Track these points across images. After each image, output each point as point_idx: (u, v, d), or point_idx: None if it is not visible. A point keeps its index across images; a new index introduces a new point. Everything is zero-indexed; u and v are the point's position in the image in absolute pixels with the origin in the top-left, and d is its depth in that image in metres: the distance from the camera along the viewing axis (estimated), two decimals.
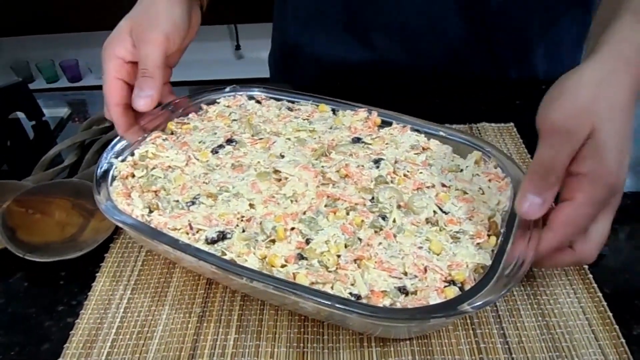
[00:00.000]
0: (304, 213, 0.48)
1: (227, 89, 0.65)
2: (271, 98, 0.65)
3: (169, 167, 0.55)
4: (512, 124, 0.72)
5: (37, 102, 0.77)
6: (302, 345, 0.46)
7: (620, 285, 0.50)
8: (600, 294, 0.48)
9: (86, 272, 0.53)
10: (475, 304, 0.38)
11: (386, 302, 0.41)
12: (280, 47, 0.89)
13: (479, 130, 0.71)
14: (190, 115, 0.62)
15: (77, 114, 0.81)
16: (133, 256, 0.55)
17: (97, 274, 0.53)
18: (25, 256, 0.52)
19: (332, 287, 0.42)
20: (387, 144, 0.57)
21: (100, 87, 0.59)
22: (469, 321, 0.47)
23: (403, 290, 0.42)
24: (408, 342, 0.45)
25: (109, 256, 0.55)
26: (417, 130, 0.58)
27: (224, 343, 0.46)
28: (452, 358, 0.44)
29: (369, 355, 0.44)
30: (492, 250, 0.45)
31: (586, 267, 0.50)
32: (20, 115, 0.77)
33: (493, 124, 0.72)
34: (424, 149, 0.56)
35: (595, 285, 0.49)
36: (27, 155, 0.72)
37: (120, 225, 0.47)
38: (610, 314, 0.46)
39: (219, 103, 0.64)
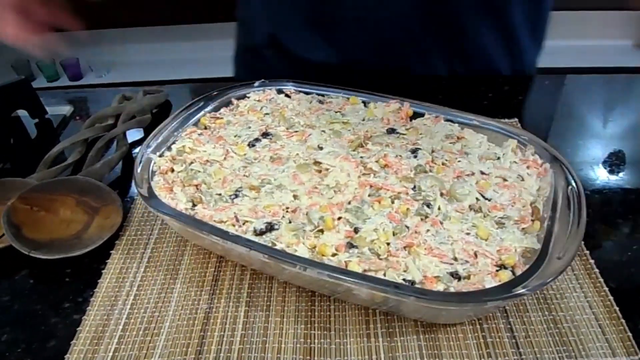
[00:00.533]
0: (349, 203, 0.49)
1: (257, 84, 0.66)
2: (300, 92, 0.65)
3: (207, 161, 0.55)
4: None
5: (40, 100, 0.76)
6: (309, 325, 0.46)
7: (625, 280, 0.50)
8: (606, 289, 0.48)
9: (92, 269, 0.53)
10: (530, 287, 0.39)
11: (440, 287, 0.42)
12: (244, 47, 0.88)
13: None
14: (222, 110, 0.62)
15: (79, 112, 0.80)
16: (139, 252, 0.54)
17: (103, 271, 0.52)
18: (30, 253, 0.52)
19: (384, 274, 0.43)
20: (421, 134, 0.58)
21: (102, 86, 0.59)
22: None
23: (455, 275, 0.43)
24: (415, 336, 0.45)
25: (114, 253, 0.54)
26: (451, 121, 0.59)
27: (235, 315, 0.47)
28: (459, 352, 0.44)
29: (375, 350, 0.44)
30: (537, 235, 0.46)
31: (592, 261, 0.50)
32: (22, 113, 0.76)
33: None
34: (458, 138, 0.57)
35: (601, 279, 0.49)
36: (31, 153, 0.72)
37: (168, 219, 0.47)
38: (617, 308, 0.46)
39: (249, 97, 0.65)
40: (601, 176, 0.62)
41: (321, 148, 0.55)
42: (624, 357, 0.42)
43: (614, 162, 0.64)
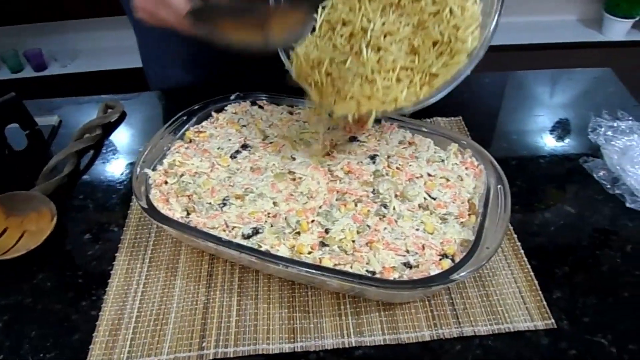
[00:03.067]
0: (320, 207, 0.59)
1: (233, 97, 0.74)
2: (272, 103, 0.74)
3: (196, 173, 0.63)
4: (460, 117, 0.81)
5: (30, 113, 0.82)
6: (291, 309, 0.56)
7: (545, 258, 0.61)
8: (529, 266, 0.59)
9: (100, 270, 0.61)
10: (464, 273, 0.50)
11: (395, 275, 0.52)
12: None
13: (433, 124, 0.79)
14: (203, 124, 0.71)
15: (66, 121, 0.86)
16: (141, 254, 0.63)
17: (111, 272, 0.61)
18: None
19: (351, 267, 0.53)
20: (378, 140, 0.67)
21: (66, 76, 0.64)
22: None
23: (408, 265, 0.53)
24: (377, 313, 0.55)
25: (119, 255, 0.63)
26: (403, 127, 0.69)
27: (229, 304, 0.57)
28: (412, 324, 0.54)
29: (346, 327, 0.54)
30: (473, 227, 0.57)
31: (519, 244, 0.62)
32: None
33: (445, 118, 0.81)
34: (410, 143, 0.67)
35: (525, 259, 0.60)
36: (25, 163, 0.79)
37: (169, 229, 0.56)
38: (536, 282, 0.58)
39: (226, 110, 0.73)
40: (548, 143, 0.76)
41: (294, 158, 0.64)
42: (539, 321, 0.54)
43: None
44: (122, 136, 0.82)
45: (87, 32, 1.97)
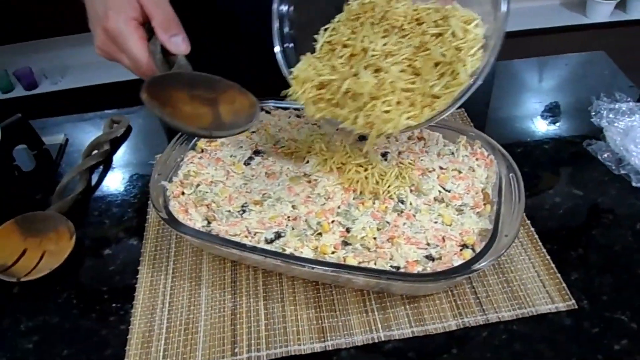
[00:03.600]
0: (339, 207, 0.60)
1: None
2: (279, 108, 0.74)
3: (212, 182, 0.64)
4: (462, 109, 0.82)
5: (37, 132, 0.82)
6: (318, 309, 0.57)
7: (559, 241, 0.63)
8: (544, 250, 0.61)
9: (125, 285, 0.62)
10: (485, 262, 0.51)
11: (419, 268, 0.54)
12: None
13: None
14: None
15: (73, 139, 0.86)
16: (163, 265, 0.63)
17: (136, 286, 0.61)
18: (212, 134, 0.54)
19: (375, 263, 0.54)
20: (388, 137, 0.68)
21: (58, 93, 0.64)
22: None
23: (430, 258, 0.54)
24: (402, 307, 0.56)
25: (141, 268, 0.63)
26: None
27: (256, 308, 0.58)
28: (437, 315, 0.56)
29: (373, 322, 0.56)
30: (490, 216, 0.58)
31: (533, 229, 0.63)
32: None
33: None
34: (419, 138, 0.68)
35: (540, 243, 0.62)
36: (35, 184, 0.78)
37: (193, 239, 0.57)
38: (553, 265, 0.59)
39: None
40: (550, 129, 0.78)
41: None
42: (560, 303, 0.56)
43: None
44: (130, 150, 0.83)
45: (75, 47, 1.96)
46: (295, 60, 0.60)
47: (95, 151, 0.80)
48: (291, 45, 0.62)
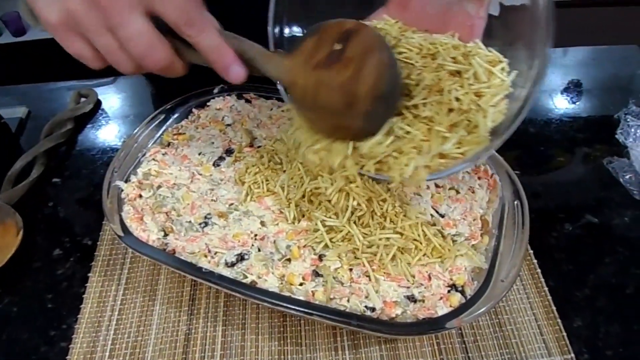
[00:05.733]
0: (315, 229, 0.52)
1: (216, 90, 0.66)
2: (261, 97, 0.66)
3: (174, 184, 0.56)
4: None
5: None
6: (282, 341, 0.51)
7: (563, 277, 0.55)
8: (546, 289, 0.53)
9: (72, 293, 0.55)
10: (472, 315, 0.44)
11: (398, 311, 0.46)
12: None
13: None
14: (183, 123, 0.63)
15: (35, 112, 0.78)
16: (116, 274, 0.57)
17: (83, 296, 0.55)
18: None
19: (348, 300, 0.47)
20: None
21: (46, 41, 0.54)
22: None
23: (412, 299, 0.47)
24: (377, 347, 0.50)
25: (92, 275, 0.57)
26: None
27: (213, 335, 0.51)
28: None
29: None
30: (486, 250, 0.50)
31: (535, 262, 0.55)
32: None
33: None
34: None
35: (542, 279, 0.54)
36: None
37: (145, 257, 0.50)
38: (554, 308, 0.52)
39: (209, 107, 0.65)
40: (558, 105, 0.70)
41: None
42: (558, 356, 0.49)
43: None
44: (96, 130, 0.75)
45: None
46: None
47: (57, 131, 0.72)
48: None
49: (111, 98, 0.79)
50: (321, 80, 0.41)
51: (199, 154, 0.59)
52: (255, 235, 0.52)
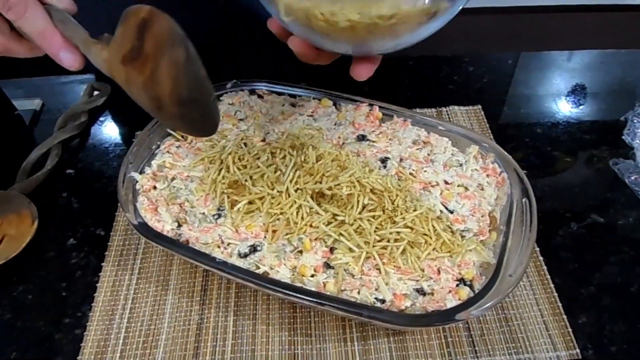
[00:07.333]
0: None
1: (229, 85, 0.67)
2: (273, 92, 0.67)
3: (188, 176, 0.57)
4: (479, 106, 0.74)
5: (7, 97, 0.75)
6: (292, 332, 0.52)
7: (569, 275, 0.56)
8: (552, 285, 0.54)
9: (86, 282, 0.56)
10: (480, 308, 0.45)
11: (407, 303, 0.47)
12: None
13: (448, 114, 0.73)
14: None
15: (49, 105, 0.79)
16: (129, 264, 0.58)
17: (97, 285, 0.56)
18: None
19: (358, 292, 0.48)
20: (390, 139, 0.61)
21: None
22: None
23: (421, 292, 0.48)
24: (386, 339, 0.51)
25: (105, 265, 0.57)
26: (417, 124, 0.62)
27: (224, 324, 0.52)
28: (424, 352, 0.50)
29: (352, 354, 0.50)
30: (494, 245, 0.51)
31: (542, 259, 0.56)
32: None
33: (462, 107, 0.74)
34: (425, 143, 0.60)
35: (548, 277, 0.55)
36: (4, 156, 0.71)
37: (158, 245, 0.51)
38: (560, 305, 0.53)
39: (222, 101, 0.66)
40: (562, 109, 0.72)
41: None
42: (563, 351, 0.50)
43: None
44: (110, 123, 0.76)
45: None
46: None
47: (71, 123, 0.73)
48: None
49: (124, 92, 0.80)
50: (129, 77, 0.38)
51: (212, 146, 0.60)
52: (268, 227, 0.53)
